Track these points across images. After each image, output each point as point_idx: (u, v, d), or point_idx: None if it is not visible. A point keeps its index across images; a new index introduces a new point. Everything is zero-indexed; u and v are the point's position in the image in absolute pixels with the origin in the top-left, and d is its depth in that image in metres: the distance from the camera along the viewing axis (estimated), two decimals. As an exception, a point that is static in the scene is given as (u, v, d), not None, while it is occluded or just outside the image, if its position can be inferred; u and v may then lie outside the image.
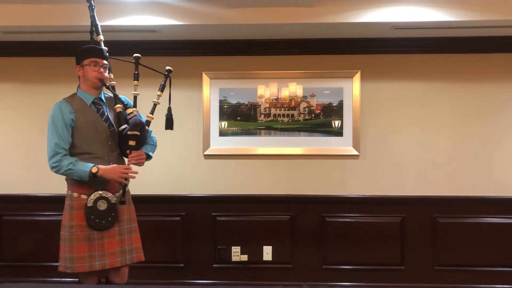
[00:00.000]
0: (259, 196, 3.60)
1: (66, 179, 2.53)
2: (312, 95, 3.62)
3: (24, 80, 3.71)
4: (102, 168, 2.44)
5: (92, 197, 2.45)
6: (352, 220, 3.56)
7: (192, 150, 3.65)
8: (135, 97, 2.67)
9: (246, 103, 3.63)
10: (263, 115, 3.63)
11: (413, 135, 3.57)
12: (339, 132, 3.60)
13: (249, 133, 3.63)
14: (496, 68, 3.53)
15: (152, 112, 2.66)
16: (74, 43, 3.54)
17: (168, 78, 2.74)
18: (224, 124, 3.63)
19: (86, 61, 2.49)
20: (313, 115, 3.62)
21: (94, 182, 2.45)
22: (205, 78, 3.61)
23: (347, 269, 3.55)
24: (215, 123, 3.63)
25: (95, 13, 2.67)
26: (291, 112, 3.63)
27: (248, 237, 3.57)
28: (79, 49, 2.53)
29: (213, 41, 3.56)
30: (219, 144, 3.62)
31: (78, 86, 2.57)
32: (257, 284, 3.42)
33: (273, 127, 3.63)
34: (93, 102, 2.54)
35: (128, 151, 2.54)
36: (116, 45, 3.56)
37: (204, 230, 3.60)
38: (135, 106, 2.63)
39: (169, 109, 2.75)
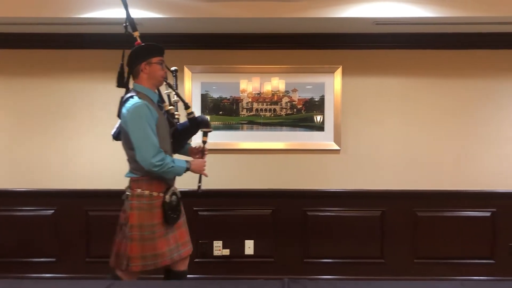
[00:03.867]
0: (241, 190, 3.60)
1: (136, 180, 2.50)
2: (294, 90, 3.63)
3: (10, 73, 3.63)
4: (192, 163, 2.59)
5: (169, 193, 2.52)
6: (333, 214, 3.59)
7: (173, 144, 3.62)
8: (168, 96, 2.75)
9: (229, 97, 3.62)
10: (245, 110, 3.63)
11: (393, 130, 3.61)
12: (320, 127, 3.62)
13: (231, 128, 3.63)
14: (476, 65, 3.58)
15: (176, 110, 2.77)
16: (64, 35, 3.53)
17: (175, 77, 2.82)
18: (206, 118, 3.61)
19: (155, 59, 2.52)
20: (295, 110, 3.63)
21: (169, 179, 2.55)
22: (187, 72, 3.59)
23: (328, 263, 3.58)
24: (197, 117, 3.61)
25: (128, 8, 2.68)
26: (273, 106, 3.64)
27: (230, 232, 3.58)
28: (143, 45, 2.54)
29: (195, 35, 3.54)
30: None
31: (135, 83, 2.54)
32: (238, 278, 3.43)
33: (255, 121, 3.63)
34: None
35: (202, 145, 2.74)
36: (97, 38, 3.55)
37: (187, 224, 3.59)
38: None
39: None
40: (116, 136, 2.68)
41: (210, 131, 2.74)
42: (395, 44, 3.56)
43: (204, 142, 2.75)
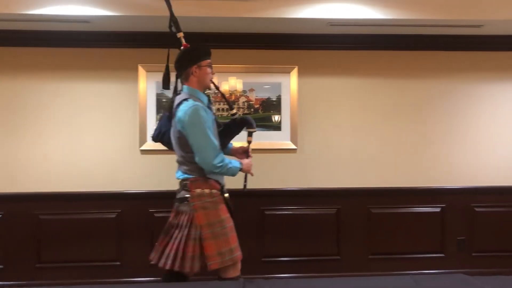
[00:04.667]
0: (198, 191, 3.57)
1: (194, 180, 2.51)
2: (251, 90, 3.63)
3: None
4: (243, 163, 2.63)
5: (225, 190, 2.61)
6: (290, 212, 3.62)
7: (128, 145, 3.55)
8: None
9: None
10: (202, 110, 3.59)
11: (348, 129, 3.68)
12: (278, 127, 3.64)
13: (188, 128, 3.58)
14: (425, 65, 3.71)
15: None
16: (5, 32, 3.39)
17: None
18: (162, 118, 3.56)
19: (204, 62, 2.55)
20: (252, 109, 3.63)
21: (221, 177, 2.60)
22: (141, 71, 3.52)
23: (285, 261, 3.61)
24: (152, 118, 3.54)
25: (172, 8, 2.68)
26: (230, 106, 3.62)
27: (187, 233, 3.53)
28: (194, 48, 2.57)
29: (149, 33, 3.48)
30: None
31: (185, 85, 2.56)
32: (193, 280, 3.39)
33: (212, 121, 3.60)
34: None
35: (247, 145, 2.78)
36: (47, 35, 3.42)
37: (140, 226, 3.52)
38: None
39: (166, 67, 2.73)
40: (156, 138, 2.72)
41: (254, 131, 2.77)
42: (349, 45, 3.63)
43: (249, 142, 2.78)
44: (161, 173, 3.54)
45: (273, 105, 3.64)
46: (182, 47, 2.61)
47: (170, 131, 2.63)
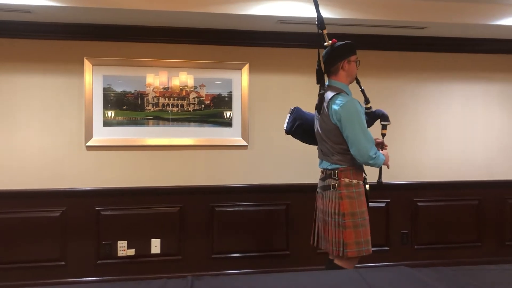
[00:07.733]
0: (147, 188, 3.51)
1: (344, 170, 2.58)
2: (202, 86, 3.60)
3: None
4: (385, 154, 2.66)
5: (366, 182, 2.68)
6: (241, 208, 3.63)
7: (73, 141, 3.43)
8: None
9: (133, 91, 3.50)
10: (151, 105, 3.53)
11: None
12: (229, 123, 3.64)
13: (136, 123, 3.51)
14: (373, 64, 3.81)
15: None
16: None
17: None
18: (109, 113, 3.46)
19: (353, 58, 2.64)
20: (203, 105, 3.61)
21: (363, 168, 2.65)
22: (87, 64, 3.41)
23: (235, 257, 3.62)
24: (99, 113, 3.44)
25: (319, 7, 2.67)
26: (180, 102, 3.58)
27: (135, 231, 3.47)
28: (346, 44, 2.61)
29: (96, 25, 3.38)
30: (103, 135, 3.45)
31: (333, 80, 2.63)
32: (143, 279, 3.34)
33: (161, 117, 3.55)
34: None
35: (383, 139, 2.82)
36: None
37: (87, 225, 3.42)
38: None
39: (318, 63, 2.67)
40: (289, 131, 2.87)
41: (389, 124, 2.83)
42: (298, 43, 3.66)
43: (383, 135, 2.85)
44: (108, 170, 3.46)
45: (224, 101, 3.63)
46: (326, 43, 2.64)
47: (305, 124, 2.81)
